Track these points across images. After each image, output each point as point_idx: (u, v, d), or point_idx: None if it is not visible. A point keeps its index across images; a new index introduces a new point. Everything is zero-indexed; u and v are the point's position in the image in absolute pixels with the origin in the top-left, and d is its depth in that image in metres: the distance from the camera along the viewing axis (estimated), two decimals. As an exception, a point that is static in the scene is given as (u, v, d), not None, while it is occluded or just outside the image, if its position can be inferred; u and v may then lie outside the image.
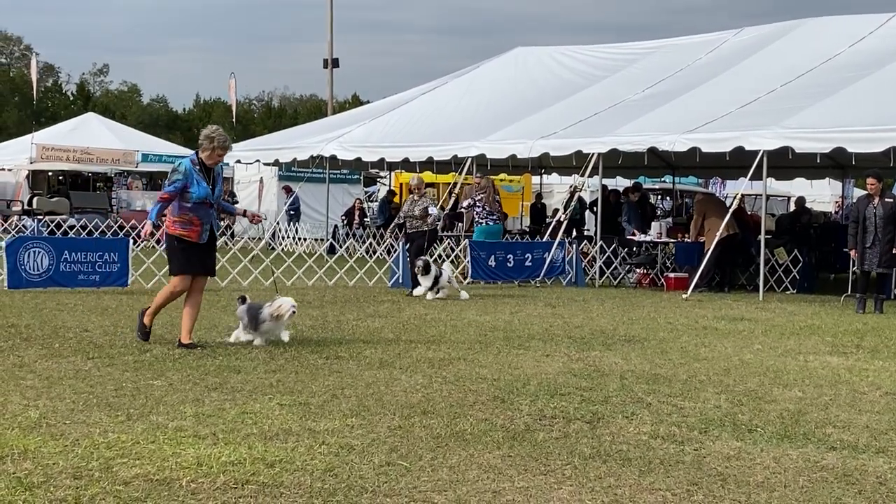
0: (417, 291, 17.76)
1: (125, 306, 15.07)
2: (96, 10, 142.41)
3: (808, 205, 29.71)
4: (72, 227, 29.86)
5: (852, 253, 17.35)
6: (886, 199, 17.10)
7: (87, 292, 16.65)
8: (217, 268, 18.55)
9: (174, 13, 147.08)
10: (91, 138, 38.15)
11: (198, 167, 11.21)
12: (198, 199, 11.15)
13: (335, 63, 52.16)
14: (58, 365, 9.88)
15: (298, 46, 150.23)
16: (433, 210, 18.79)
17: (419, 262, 17.65)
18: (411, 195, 19.33)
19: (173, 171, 11.27)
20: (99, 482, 5.97)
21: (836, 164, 25.18)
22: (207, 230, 11.34)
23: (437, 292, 17.60)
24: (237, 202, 35.73)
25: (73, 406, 8.00)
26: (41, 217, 32.08)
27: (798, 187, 35.44)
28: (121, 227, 30.00)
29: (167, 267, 11.89)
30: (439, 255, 23.79)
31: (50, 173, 38.03)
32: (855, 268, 17.71)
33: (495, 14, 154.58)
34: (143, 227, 11.68)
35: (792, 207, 30.09)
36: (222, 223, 32.95)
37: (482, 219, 21.47)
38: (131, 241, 18.43)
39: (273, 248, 27.67)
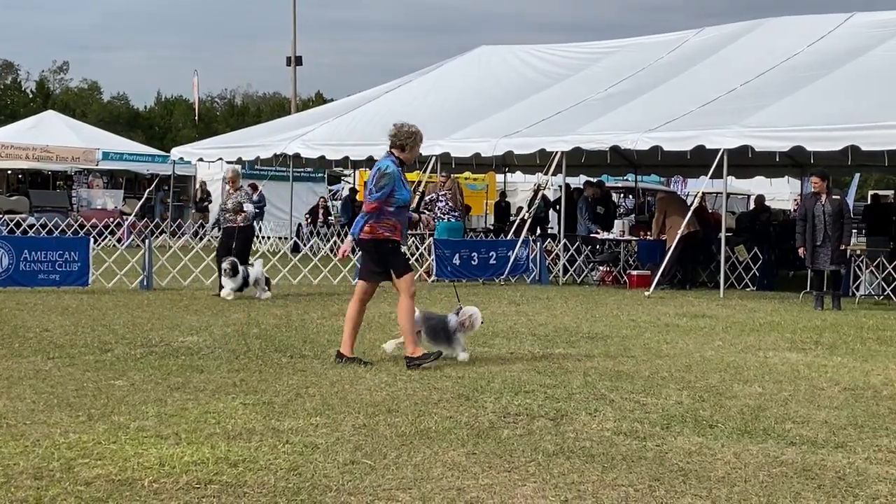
0: (224, 293, 16.51)
1: (86, 306, 14.97)
2: (56, 7, 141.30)
3: (767, 203, 29.93)
4: (31, 226, 29.63)
5: (801, 251, 17.40)
6: (833, 197, 17.19)
7: (47, 292, 16.51)
8: (179, 267, 18.58)
9: (136, 10, 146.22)
10: (51, 136, 37.74)
11: (399, 170, 10.43)
12: (402, 204, 10.44)
13: (299, 61, 52.01)
14: (18, 365, 9.79)
15: (261, 44, 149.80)
16: (248, 207, 17.52)
17: (225, 264, 16.56)
18: (227, 187, 18.25)
19: (381, 175, 10.27)
20: (60, 483, 5.92)
21: (795, 162, 25.34)
22: (406, 236, 10.80)
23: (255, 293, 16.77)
24: (210, 200, 35.63)
25: (33, 406, 7.93)
26: (0, 216, 31.75)
27: (758, 185, 35.67)
28: (81, 226, 29.78)
29: (128, 266, 11.74)
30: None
31: (9, 172, 37.67)
32: (808, 265, 17.77)
33: (460, 12, 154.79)
34: (344, 246, 10.64)
35: (752, 205, 30.35)
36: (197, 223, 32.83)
37: (444, 215, 21.51)
38: (92, 239, 18.28)
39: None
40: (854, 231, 22.62)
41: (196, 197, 36.13)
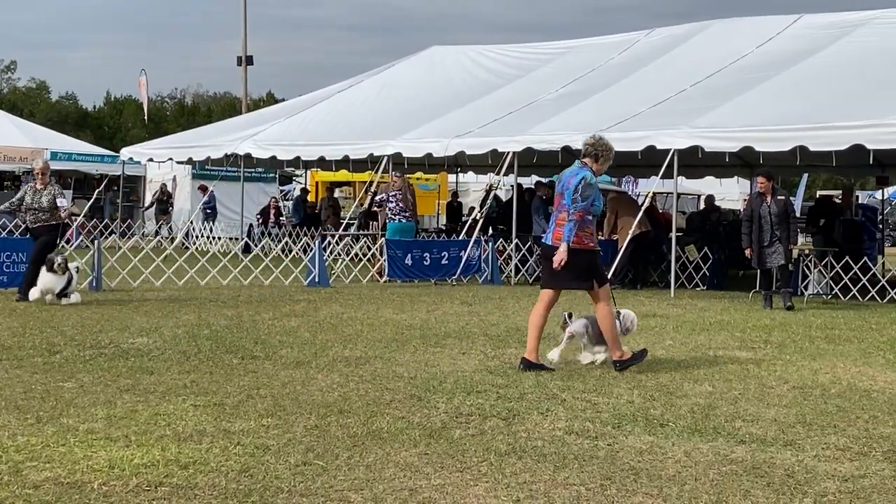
0: (34, 295, 15.21)
1: (33, 307, 14.81)
2: (3, 6, 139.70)
3: (717, 203, 30.17)
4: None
5: (748, 252, 17.45)
6: (779, 197, 17.24)
7: (-5, 293, 16.34)
8: (128, 268, 18.43)
9: (84, 8, 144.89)
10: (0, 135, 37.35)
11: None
12: (597, 213, 10.72)
13: (249, 60, 51.78)
14: (-35, 367, 9.68)
15: (212, 43, 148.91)
16: (63, 202, 16.14)
17: (59, 258, 15.22)
18: (31, 184, 16.31)
19: (587, 185, 10.37)
20: (8, 486, 5.86)
21: (745, 162, 25.55)
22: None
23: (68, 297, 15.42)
24: (172, 202, 35.38)
25: (-19, 409, 7.85)
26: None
27: (708, 186, 35.92)
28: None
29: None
30: (356, 255, 23.75)
31: (-42, 173, 37.23)
32: (754, 265, 17.86)
33: (413, 12, 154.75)
34: (560, 255, 10.31)
35: (702, 205, 30.50)
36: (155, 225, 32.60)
37: (395, 215, 21.50)
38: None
39: (187, 248, 27.37)
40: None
41: (157, 198, 35.74)
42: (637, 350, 10.70)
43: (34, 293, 15.24)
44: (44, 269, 15.19)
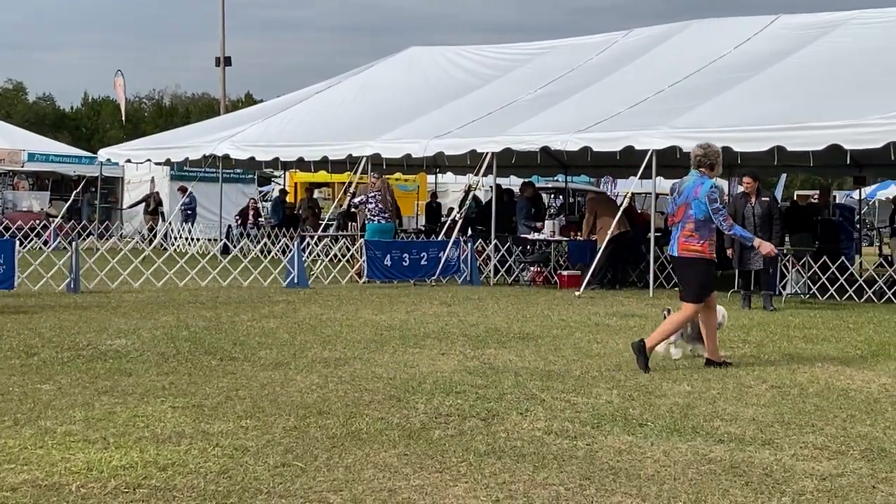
0: None
1: (11, 309, 14.74)
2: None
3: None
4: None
5: (729, 252, 17.24)
6: (763, 199, 17.20)
7: (-28, 295, 16.25)
8: (106, 269, 18.36)
9: (61, 9, 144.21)
10: (-24, 137, 37.16)
11: None
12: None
13: (227, 61, 51.64)
14: (-58, 370, 9.63)
15: (191, 44, 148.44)
16: None
17: None
18: None
19: (721, 193, 10.97)
20: (-15, 489, 5.84)
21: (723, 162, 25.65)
22: None
23: None
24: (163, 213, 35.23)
25: (-42, 412, 7.81)
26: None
27: (687, 186, 36.08)
28: (6, 228, 29.33)
29: (53, 269, 11.59)
30: (335, 256, 23.72)
31: (-65, 175, 37.01)
32: (735, 265, 17.81)
33: (394, 12, 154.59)
34: (767, 247, 11.58)
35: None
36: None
37: (374, 216, 21.49)
38: (17, 242, 18.02)
39: (165, 249, 27.29)
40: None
41: (146, 201, 35.51)
42: (725, 357, 11.07)
43: None
44: None
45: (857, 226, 29.39)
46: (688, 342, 11.25)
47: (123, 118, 58.66)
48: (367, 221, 21.63)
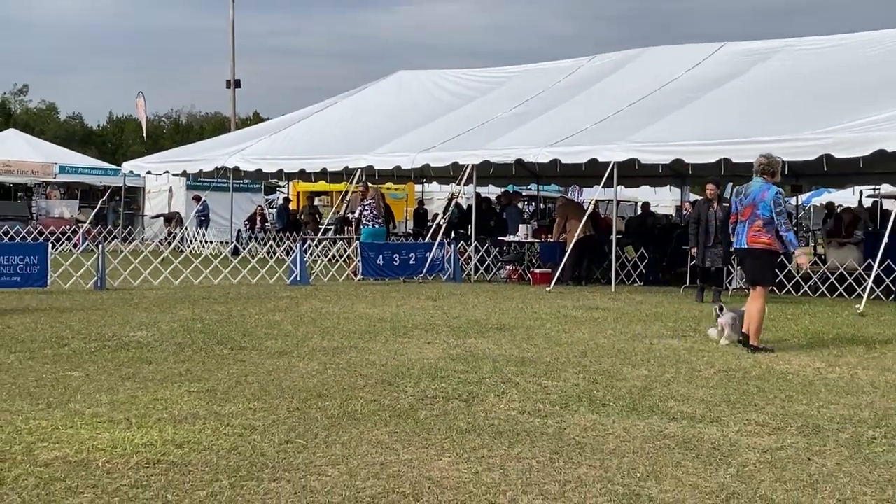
0: None
1: (45, 305, 14.68)
2: (16, 34, 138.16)
3: (652, 209, 30.31)
4: (-4, 233, 29.00)
5: (693, 251, 17.31)
6: (724, 204, 17.16)
7: (9, 292, 16.15)
8: (129, 269, 18.30)
9: (89, 37, 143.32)
10: (12, 152, 36.99)
11: None
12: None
13: (237, 84, 51.62)
14: (-18, 359, 9.58)
15: (204, 68, 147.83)
16: None
17: None
18: None
19: (783, 198, 11.43)
20: (21, 464, 5.82)
21: (676, 173, 25.69)
22: None
23: None
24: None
25: (-4, 396, 7.78)
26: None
27: (644, 193, 36.09)
28: (40, 233, 29.24)
29: (82, 269, 11.55)
30: (333, 256, 23.68)
31: (-26, 185, 36.90)
32: (695, 262, 17.81)
33: (384, 40, 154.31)
34: (800, 258, 11.68)
35: (639, 211, 30.68)
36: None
37: (369, 221, 21.48)
38: (50, 245, 17.97)
39: (182, 251, 27.22)
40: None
41: (173, 219, 35.33)
42: (768, 345, 11.29)
43: None
44: None
45: (795, 228, 29.45)
46: (736, 332, 11.50)
47: (144, 134, 58.51)
48: (363, 226, 21.62)
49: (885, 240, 16.74)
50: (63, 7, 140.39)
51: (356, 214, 22.23)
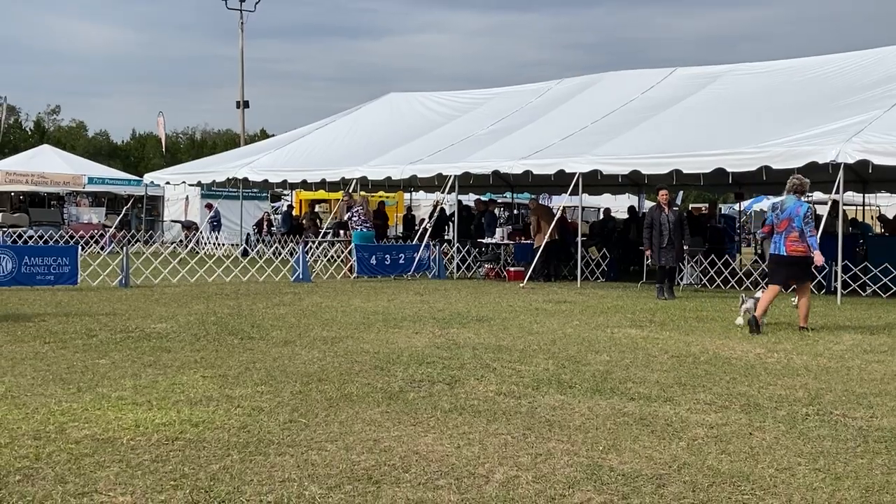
0: None
1: (75, 301, 14.61)
2: (50, 61, 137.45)
3: (613, 214, 30.35)
4: (31, 237, 28.86)
5: (648, 252, 17.20)
6: (674, 209, 17.20)
7: (43, 290, 16.07)
8: (150, 269, 18.21)
9: (115, 63, 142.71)
10: (46, 165, 36.86)
11: None
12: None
13: (246, 104, 51.66)
14: (20, 348, 9.53)
15: (217, 90, 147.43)
16: None
17: None
18: None
19: (812, 212, 12.34)
20: (55, 442, 5.79)
21: (633, 182, 25.76)
22: None
23: None
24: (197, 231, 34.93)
25: (33, 381, 7.74)
26: (5, 229, 30.84)
27: (605, 200, 36.13)
28: (71, 237, 29.10)
29: (108, 269, 11.49)
30: (331, 256, 23.64)
31: (12, 194, 36.62)
32: (649, 263, 17.77)
33: (376, 67, 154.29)
34: (818, 258, 12.06)
35: (601, 216, 30.67)
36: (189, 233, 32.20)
37: (358, 225, 21.47)
38: (80, 247, 17.89)
39: (197, 252, 27.11)
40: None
41: (191, 227, 35.14)
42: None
43: None
44: None
45: (738, 231, 29.59)
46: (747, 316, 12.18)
47: (164, 149, 58.30)
48: (353, 229, 21.62)
49: (817, 240, 16.82)
50: (92, 39, 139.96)
51: (347, 216, 22.23)
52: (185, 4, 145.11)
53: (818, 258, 11.96)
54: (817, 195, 31.08)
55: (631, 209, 26.96)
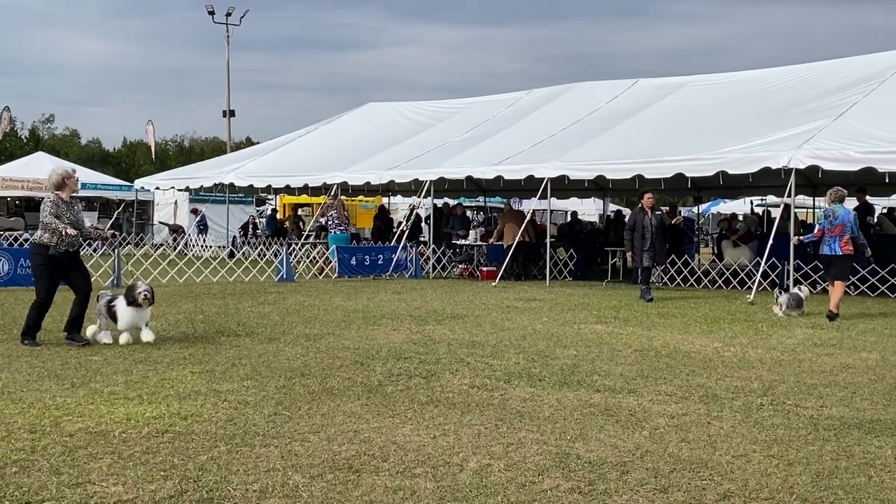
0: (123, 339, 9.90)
1: (69, 300, 14.42)
2: (44, 72, 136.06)
3: (579, 217, 30.49)
4: (26, 240, 28.53)
5: (629, 254, 16.56)
6: (657, 213, 16.64)
7: (38, 290, 15.90)
8: (141, 269, 18.07)
9: (107, 73, 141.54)
10: (41, 171, 36.37)
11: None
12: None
13: (232, 113, 51.46)
14: (16, 346, 9.44)
15: (204, 99, 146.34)
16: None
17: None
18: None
19: (856, 218, 13.65)
20: (49, 435, 5.74)
21: (599, 187, 25.87)
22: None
23: None
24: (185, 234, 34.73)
25: (28, 377, 7.66)
26: (1, 233, 30.50)
27: (572, 204, 36.36)
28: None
29: (101, 270, 11.38)
30: (314, 258, 23.56)
31: (8, 199, 36.28)
32: (631, 264, 17.22)
33: (356, 77, 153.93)
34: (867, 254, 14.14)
35: (569, 219, 30.81)
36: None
37: (333, 228, 21.42)
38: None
39: (185, 254, 26.92)
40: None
41: (179, 230, 34.85)
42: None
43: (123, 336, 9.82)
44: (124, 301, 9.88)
45: (696, 233, 29.78)
46: (790, 310, 13.33)
47: (153, 156, 57.87)
48: (329, 232, 21.57)
49: (771, 241, 16.98)
50: (85, 51, 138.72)
51: (324, 220, 22.17)
52: (175, 19, 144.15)
53: (867, 254, 13.87)
54: (770, 198, 31.44)
55: (618, 213, 27.08)
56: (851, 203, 16.43)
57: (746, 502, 4.65)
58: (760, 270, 16.69)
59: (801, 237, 14.58)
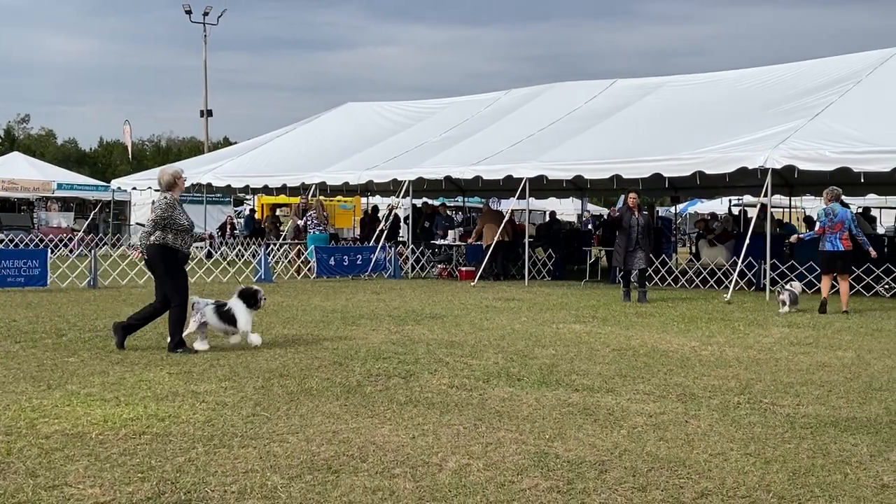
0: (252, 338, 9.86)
1: (45, 301, 14.34)
2: (19, 72, 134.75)
3: (558, 217, 30.56)
4: (1, 241, 28.27)
5: (620, 257, 15.97)
6: (644, 212, 16.37)
7: (14, 291, 15.77)
8: (118, 270, 17.92)
9: (83, 73, 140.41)
10: (16, 171, 36.20)
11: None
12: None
13: (210, 113, 51.21)
14: (-10, 348, 9.33)
15: (181, 99, 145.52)
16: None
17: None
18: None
19: (855, 216, 14.42)
20: (25, 437, 5.68)
21: (577, 187, 25.93)
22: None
23: None
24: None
25: (4, 379, 7.58)
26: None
27: (551, 204, 36.39)
28: (41, 240, 28.56)
29: (77, 271, 11.28)
30: (292, 259, 23.48)
31: (-17, 199, 36.00)
32: (615, 265, 17.06)
33: (335, 77, 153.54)
34: (874, 252, 14.53)
35: (547, 218, 30.86)
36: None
37: (312, 228, 21.37)
38: (49, 250, 17.58)
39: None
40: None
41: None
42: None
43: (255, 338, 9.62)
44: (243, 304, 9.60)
45: (673, 232, 29.94)
46: (793, 306, 13.73)
47: (130, 156, 57.45)
48: (308, 232, 21.51)
49: (747, 240, 17.10)
50: (61, 50, 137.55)
51: (301, 223, 22.13)
52: (151, 18, 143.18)
53: (873, 252, 14.18)
54: (747, 198, 31.64)
55: (610, 216, 27.11)
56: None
57: (724, 500, 4.68)
58: (737, 270, 16.80)
59: (801, 235, 15.06)
